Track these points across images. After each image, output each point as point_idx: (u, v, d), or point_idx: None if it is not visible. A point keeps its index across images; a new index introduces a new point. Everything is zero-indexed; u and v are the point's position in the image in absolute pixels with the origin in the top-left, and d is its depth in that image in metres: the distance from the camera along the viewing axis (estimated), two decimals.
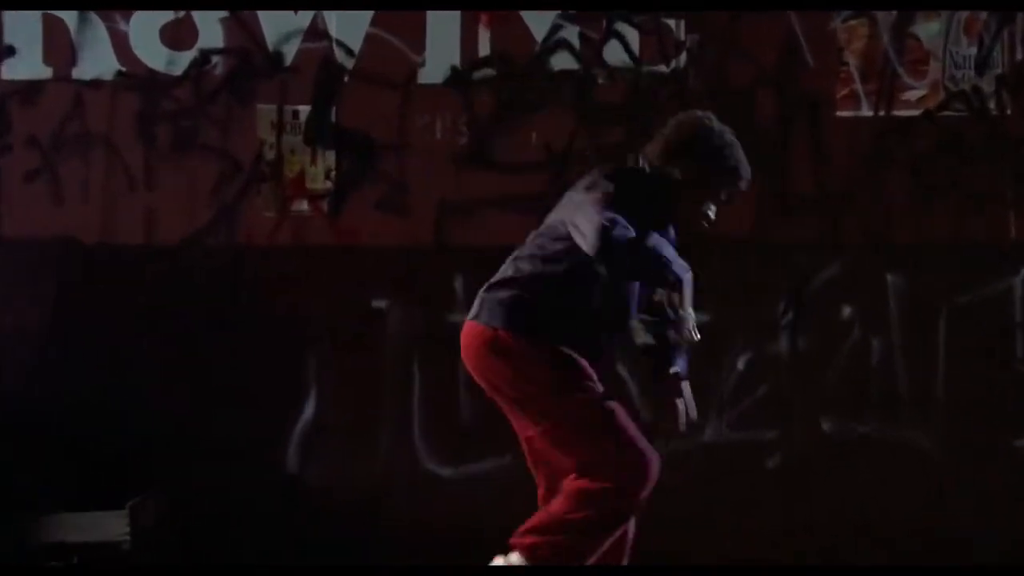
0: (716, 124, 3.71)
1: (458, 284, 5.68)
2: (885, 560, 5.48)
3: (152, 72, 5.68)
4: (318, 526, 5.59)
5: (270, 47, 5.72)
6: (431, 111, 5.74)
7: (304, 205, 5.77)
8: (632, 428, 3.60)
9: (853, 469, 5.63)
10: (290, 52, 5.72)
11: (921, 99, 5.72)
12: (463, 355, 3.76)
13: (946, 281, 5.72)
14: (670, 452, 5.21)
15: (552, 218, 3.75)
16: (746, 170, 3.68)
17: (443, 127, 5.75)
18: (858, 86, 5.70)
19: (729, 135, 3.71)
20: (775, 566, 5.08)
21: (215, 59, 5.70)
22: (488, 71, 5.72)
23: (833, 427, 5.72)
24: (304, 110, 5.74)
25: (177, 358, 5.67)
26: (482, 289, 3.80)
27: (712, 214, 3.69)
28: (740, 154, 3.69)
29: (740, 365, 5.72)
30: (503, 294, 3.62)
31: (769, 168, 5.70)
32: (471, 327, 3.66)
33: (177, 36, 5.70)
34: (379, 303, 5.74)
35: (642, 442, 3.56)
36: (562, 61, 5.71)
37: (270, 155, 5.73)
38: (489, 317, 3.62)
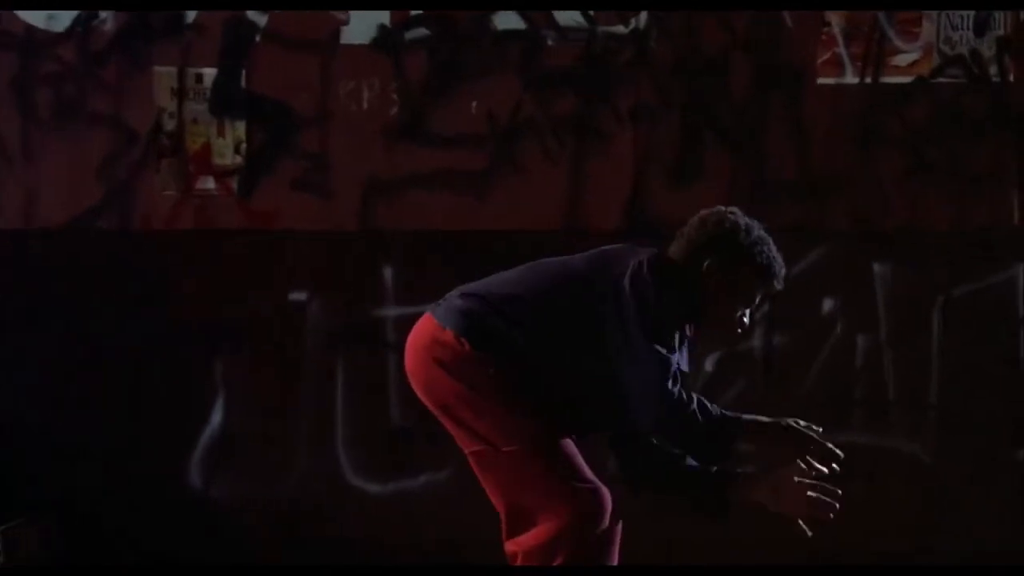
0: (743, 219, 3.75)
1: (387, 274, 5.71)
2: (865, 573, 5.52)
3: (30, 28, 5.65)
4: (226, 551, 5.59)
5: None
6: (357, 76, 5.76)
7: (210, 183, 5.78)
8: (578, 461, 3.52)
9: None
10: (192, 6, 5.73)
11: (913, 64, 5.77)
12: (407, 350, 3.72)
13: (941, 271, 5.77)
14: None
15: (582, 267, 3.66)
16: (780, 268, 3.68)
17: (370, 95, 5.77)
18: (842, 50, 5.76)
19: (758, 230, 3.73)
20: (775, 566, 5.06)
21: (104, 14, 5.68)
22: (422, 30, 5.74)
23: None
24: (210, 74, 5.74)
25: (63, 358, 5.70)
26: (459, 289, 3.72)
27: (747, 319, 3.68)
28: (772, 250, 3.70)
29: (708, 366, 5.75)
30: (482, 313, 3.55)
31: (742, 144, 5.77)
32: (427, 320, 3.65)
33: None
34: (297, 295, 5.78)
35: (589, 474, 3.50)
36: (507, 20, 5.73)
37: (170, 125, 5.73)
38: (452, 320, 3.61)
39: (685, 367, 3.60)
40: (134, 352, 5.65)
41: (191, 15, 5.63)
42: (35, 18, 5.57)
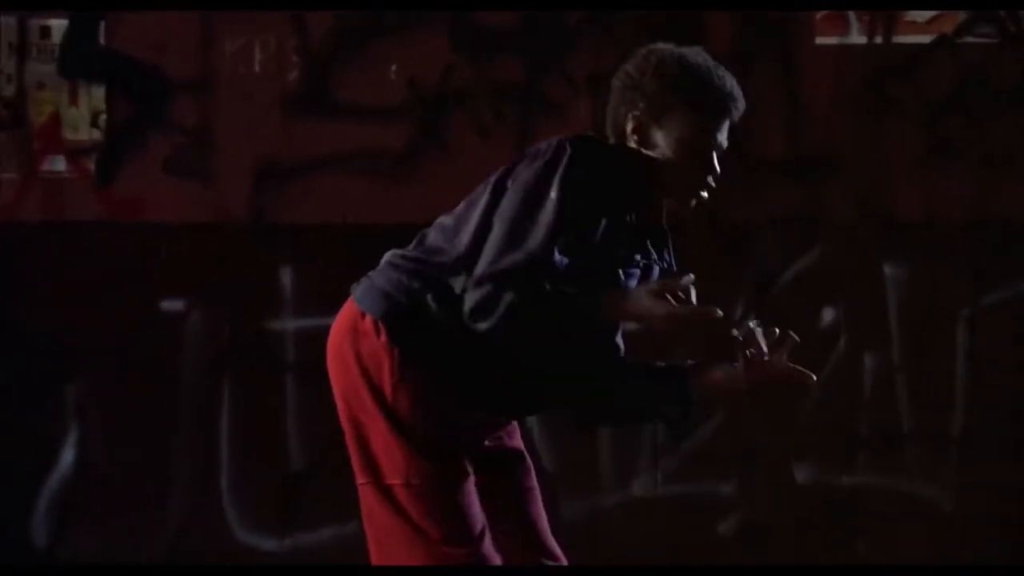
0: (679, 49, 3.42)
1: (285, 277, 5.63)
2: None
3: None
4: None
5: None
6: (246, 33, 5.68)
7: (60, 164, 5.70)
8: (467, 515, 3.32)
9: (839, 533, 5.74)
10: None
11: (934, 20, 5.74)
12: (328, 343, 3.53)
13: (966, 273, 5.74)
14: (584, 512, 5.38)
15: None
16: (737, 90, 3.36)
17: (264, 56, 5.70)
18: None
19: (703, 55, 3.40)
20: (775, 566, 5.23)
21: None
22: None
23: (812, 476, 5.80)
24: (59, 26, 5.65)
25: None
26: (388, 254, 3.51)
27: (716, 166, 3.37)
28: (724, 73, 3.38)
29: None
30: (397, 278, 3.32)
31: None
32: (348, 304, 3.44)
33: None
34: (172, 304, 5.70)
35: (474, 536, 3.29)
36: None
37: (8, 91, 5.63)
38: (368, 302, 3.35)
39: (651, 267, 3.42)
40: None
41: None
42: None
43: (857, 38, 5.71)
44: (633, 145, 3.22)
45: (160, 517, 5.59)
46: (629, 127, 3.20)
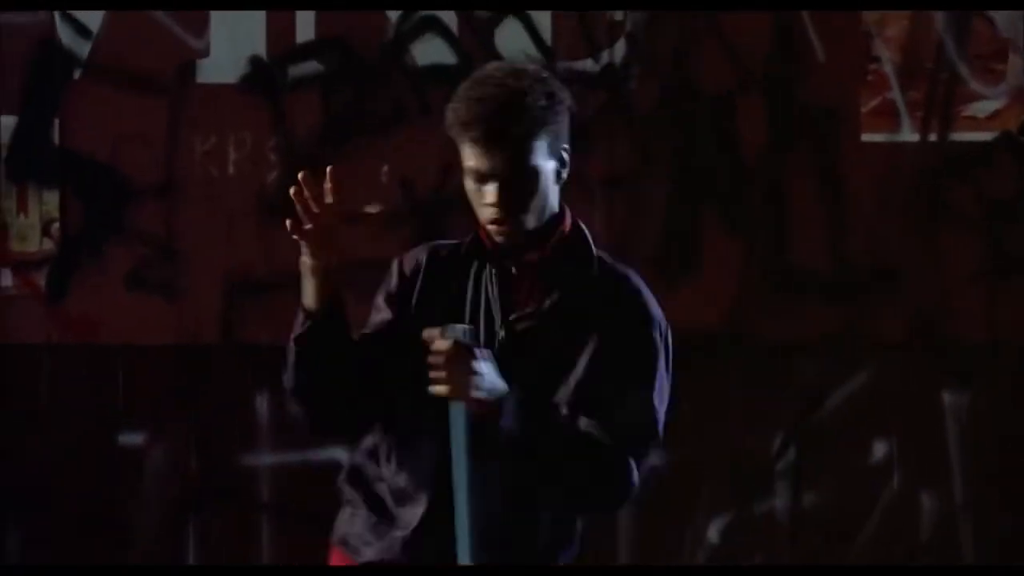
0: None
1: (261, 405, 5.32)
2: None
3: None
4: None
5: None
6: (219, 129, 5.41)
7: (6, 279, 5.41)
8: None
9: None
10: None
11: (995, 115, 5.49)
12: None
13: None
14: None
15: None
16: (470, 112, 3.25)
17: (239, 155, 5.41)
18: (896, 94, 5.48)
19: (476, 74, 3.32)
20: (775, 566, 5.25)
21: None
22: (312, 65, 5.42)
23: None
24: (7, 123, 5.40)
25: None
26: None
27: (490, 196, 3.23)
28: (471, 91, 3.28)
29: (713, 535, 5.45)
30: None
31: (756, 224, 5.54)
32: None
33: None
34: (131, 437, 5.37)
35: None
36: (431, 51, 5.44)
37: None
38: None
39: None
40: None
41: None
42: None
43: (909, 135, 5.49)
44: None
45: None
46: None
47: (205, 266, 5.37)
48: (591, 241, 3.24)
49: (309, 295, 3.19)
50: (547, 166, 3.16)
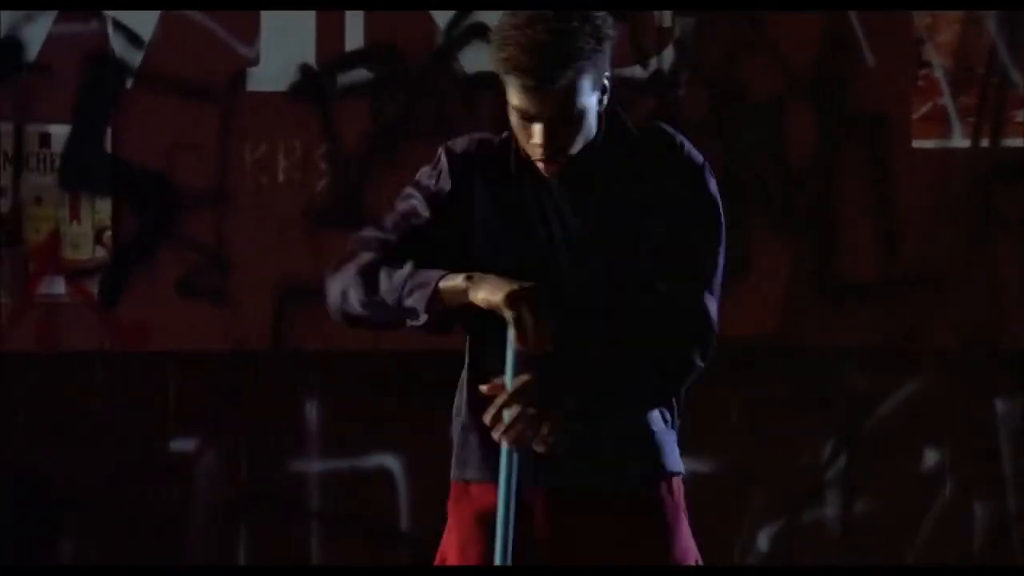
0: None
1: (311, 411, 5.42)
2: None
3: None
4: None
5: (1, 26, 5.56)
6: (269, 137, 5.50)
7: (59, 286, 5.51)
8: None
9: None
10: (35, 38, 5.46)
11: None
12: None
13: None
14: None
15: None
16: (512, 52, 3.24)
17: (288, 163, 5.50)
18: (947, 100, 5.52)
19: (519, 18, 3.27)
20: (775, 566, 5.27)
21: None
22: (361, 73, 5.49)
23: None
24: (60, 132, 5.48)
25: None
26: None
27: (537, 136, 3.25)
28: (512, 28, 3.24)
29: (763, 543, 5.50)
30: None
31: (806, 230, 5.60)
32: None
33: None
34: (183, 443, 5.46)
35: None
36: (479, 57, 5.46)
37: (2, 206, 5.50)
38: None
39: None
40: None
41: (33, 48, 5.44)
42: None
43: (960, 141, 5.54)
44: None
45: None
46: None
47: (255, 273, 5.44)
48: (628, 124, 3.27)
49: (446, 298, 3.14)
50: (591, 102, 3.18)
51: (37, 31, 5.45)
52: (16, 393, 5.53)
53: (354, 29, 5.50)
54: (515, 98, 3.12)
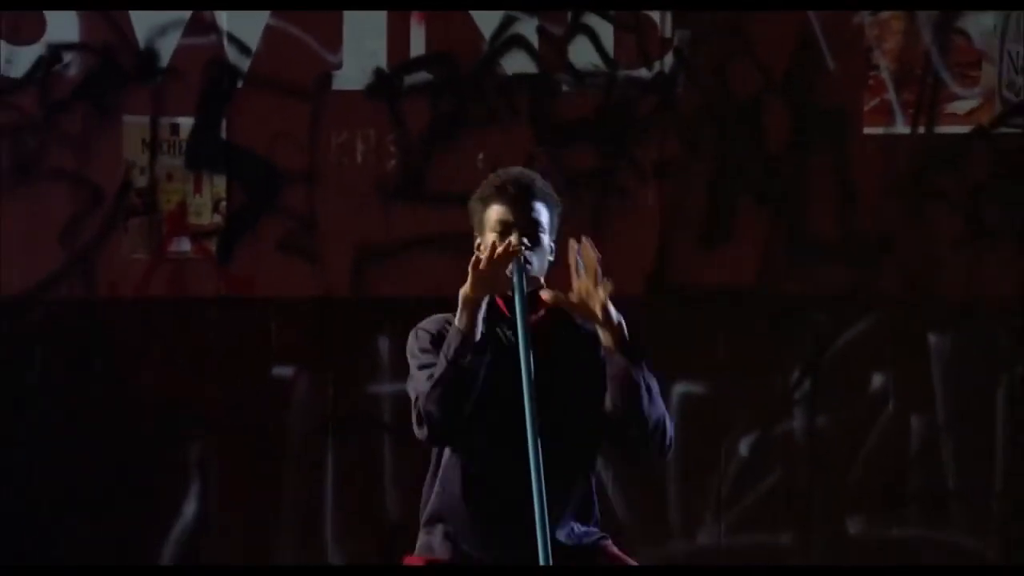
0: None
1: (383, 346, 5.96)
2: None
3: None
4: None
5: (140, 43, 6.05)
6: (349, 127, 6.05)
7: (185, 245, 6.09)
8: None
9: None
10: (167, 49, 6.02)
11: (972, 112, 6.08)
12: None
13: (1006, 343, 6.07)
14: (662, 558, 5.67)
15: None
16: (498, 184, 3.96)
17: (365, 148, 6.07)
18: (892, 96, 6.07)
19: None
20: (775, 566, 5.25)
21: (68, 56, 6.02)
22: (423, 75, 6.04)
23: (863, 529, 6.10)
24: (186, 124, 6.07)
25: (18, 439, 5.96)
26: None
27: (515, 238, 3.89)
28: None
29: (743, 450, 6.10)
30: None
31: (779, 202, 6.13)
32: None
33: (18, 27, 5.97)
34: (282, 371, 6.05)
35: None
36: (517, 62, 6.04)
37: (141, 181, 6.04)
38: None
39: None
40: (97, 434, 5.93)
41: (165, 57, 5.94)
42: None
43: (902, 128, 6.07)
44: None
45: (272, 559, 5.94)
46: None
47: (338, 235, 5.97)
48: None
49: (464, 321, 3.72)
50: (547, 237, 3.87)
51: (168, 43, 5.97)
52: (151, 330, 6.02)
53: (417, 40, 6.03)
54: (496, 215, 3.85)
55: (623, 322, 3.76)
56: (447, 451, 3.95)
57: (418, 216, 6.00)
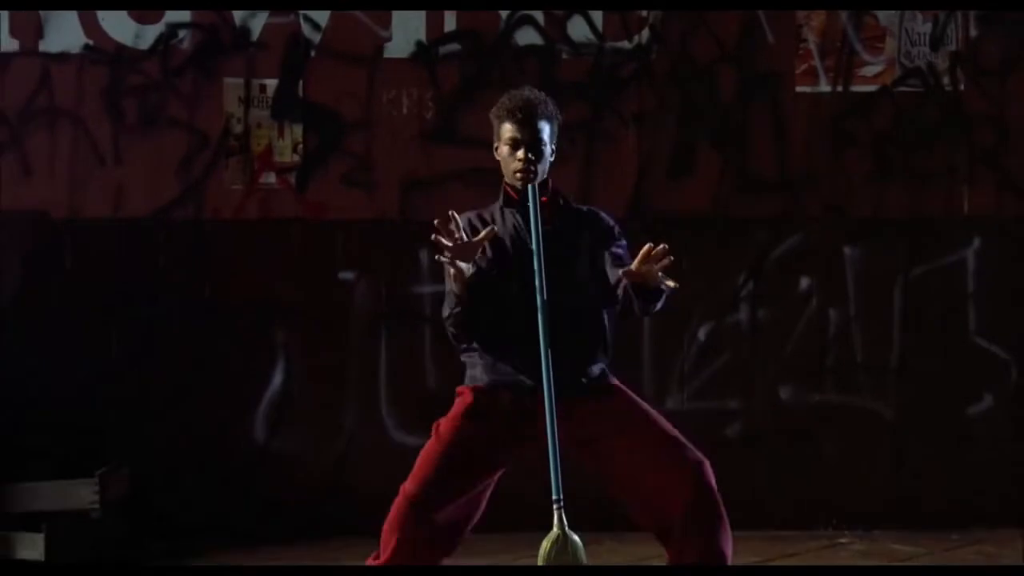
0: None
1: (423, 256, 6.39)
2: (844, 519, 6.40)
3: (119, 46, 6.43)
4: (285, 493, 6.38)
5: (237, 21, 6.45)
6: (397, 86, 6.43)
7: (271, 178, 6.42)
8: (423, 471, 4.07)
9: (812, 437, 6.51)
10: (257, 27, 6.43)
11: (878, 75, 6.46)
12: None
13: (902, 253, 6.48)
14: None
15: None
16: (506, 100, 4.19)
17: (409, 102, 6.42)
18: (817, 62, 6.47)
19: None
20: (776, 566, 5.25)
21: (182, 33, 6.42)
22: (454, 46, 6.45)
23: (792, 396, 6.53)
24: (271, 84, 6.44)
25: (145, 330, 6.40)
26: None
27: (521, 153, 4.14)
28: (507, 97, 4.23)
29: (701, 336, 6.54)
30: None
31: (729, 145, 6.52)
32: None
33: (144, 10, 6.41)
34: (345, 275, 6.43)
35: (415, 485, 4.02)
36: (527, 37, 6.46)
37: (237, 129, 6.40)
38: None
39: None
40: (207, 325, 6.37)
41: (256, 33, 6.39)
42: (124, 37, 6.42)
43: (825, 87, 6.42)
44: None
45: (338, 421, 6.40)
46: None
47: (388, 170, 6.31)
48: (564, 194, 4.24)
49: (457, 288, 4.03)
50: (548, 149, 4.15)
51: (257, 22, 6.35)
52: (246, 244, 6.37)
53: (449, 20, 6.41)
54: (508, 133, 4.10)
55: (667, 293, 3.96)
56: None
57: (450, 155, 6.32)
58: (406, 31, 6.48)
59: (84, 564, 5.42)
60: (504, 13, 6.50)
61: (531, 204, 4.02)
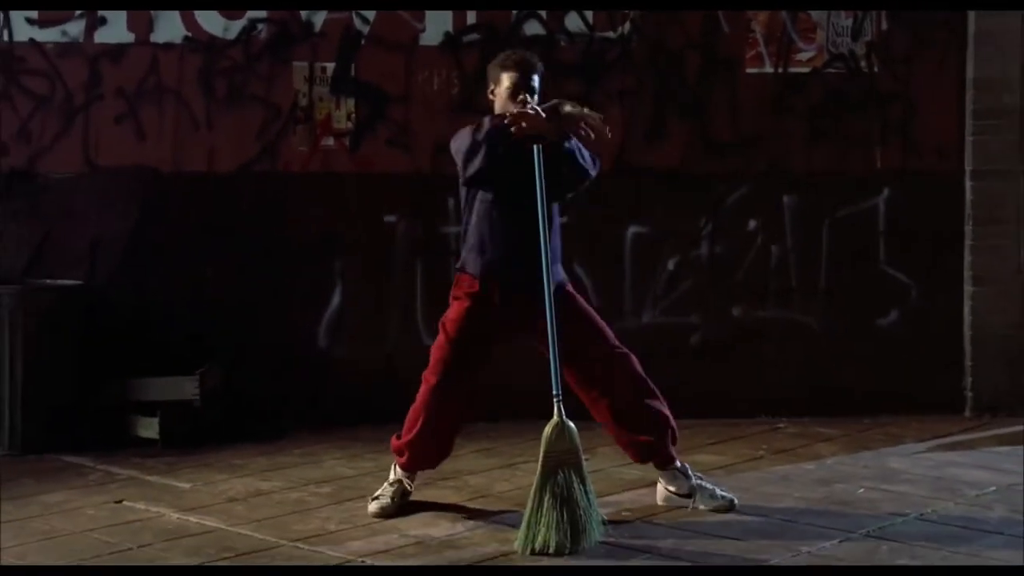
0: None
1: (450, 203, 7.28)
2: (781, 409, 7.37)
3: (212, 37, 7.33)
4: (343, 389, 7.44)
5: (303, 17, 7.36)
6: (429, 68, 7.34)
7: (331, 141, 7.33)
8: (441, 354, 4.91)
9: (757, 344, 7.60)
10: (319, 21, 7.36)
11: (811, 60, 7.43)
12: None
13: (828, 201, 7.53)
14: (620, 330, 5.99)
15: None
16: (515, 59, 5.04)
17: (439, 80, 7.32)
18: (762, 49, 7.40)
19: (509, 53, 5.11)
20: (775, 566, 5.20)
21: (260, 26, 7.32)
22: (474, 36, 7.37)
23: (741, 313, 7.59)
24: (330, 66, 7.37)
25: (234, 262, 7.36)
26: None
27: (519, 98, 5.00)
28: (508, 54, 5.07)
29: (670, 266, 7.52)
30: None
31: (694, 114, 7.51)
32: None
33: (231, 9, 7.37)
34: (390, 218, 7.40)
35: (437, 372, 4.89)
36: (533, 28, 7.42)
37: (304, 102, 7.30)
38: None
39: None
40: (280, 257, 7.33)
41: (318, 26, 7.24)
42: (215, 30, 7.32)
43: (769, 69, 7.34)
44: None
45: (385, 331, 7.34)
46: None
47: (423, 135, 7.10)
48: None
49: (494, 130, 4.90)
50: (537, 94, 5.01)
51: (319, 17, 7.19)
52: (311, 193, 7.19)
53: (471, 16, 7.29)
54: (508, 81, 4.95)
55: (572, 140, 4.82)
56: (473, 215, 4.94)
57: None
58: (436, 24, 7.39)
59: (88, 564, 5.26)
60: (514, 10, 7.46)
61: (536, 160, 4.94)
